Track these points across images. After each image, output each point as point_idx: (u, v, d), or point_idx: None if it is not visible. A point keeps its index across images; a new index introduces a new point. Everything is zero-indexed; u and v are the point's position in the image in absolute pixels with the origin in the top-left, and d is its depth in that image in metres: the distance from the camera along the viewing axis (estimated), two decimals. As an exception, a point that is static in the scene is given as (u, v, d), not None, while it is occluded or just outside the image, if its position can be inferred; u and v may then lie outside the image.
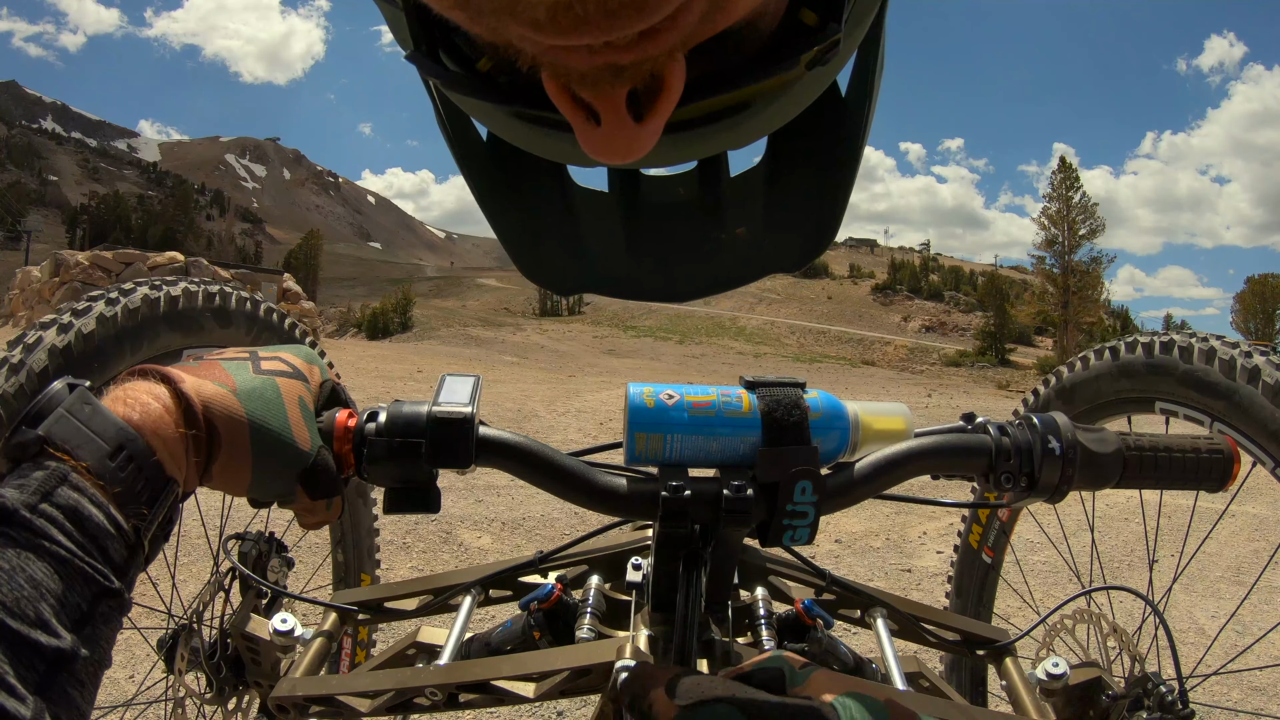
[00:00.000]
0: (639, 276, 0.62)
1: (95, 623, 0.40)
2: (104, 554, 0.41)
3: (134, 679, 1.96)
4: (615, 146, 0.32)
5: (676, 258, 0.61)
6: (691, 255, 0.61)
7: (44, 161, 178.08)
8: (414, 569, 3.03)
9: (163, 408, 0.48)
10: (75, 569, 0.39)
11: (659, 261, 0.61)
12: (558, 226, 0.59)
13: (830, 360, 40.18)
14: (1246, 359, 0.97)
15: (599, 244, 0.60)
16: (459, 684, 0.67)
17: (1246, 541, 3.97)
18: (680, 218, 0.58)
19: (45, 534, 0.39)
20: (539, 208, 0.58)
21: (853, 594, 0.87)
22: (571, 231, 0.59)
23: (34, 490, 0.40)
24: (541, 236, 0.60)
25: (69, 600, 0.38)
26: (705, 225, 0.58)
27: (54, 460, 0.42)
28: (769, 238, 0.58)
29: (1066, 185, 39.97)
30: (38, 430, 0.43)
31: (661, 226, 0.59)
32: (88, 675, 0.39)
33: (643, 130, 0.32)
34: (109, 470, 0.43)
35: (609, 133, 0.31)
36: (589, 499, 0.58)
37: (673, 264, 0.61)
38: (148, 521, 0.44)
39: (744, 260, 0.60)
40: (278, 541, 0.99)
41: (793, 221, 0.57)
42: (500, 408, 8.00)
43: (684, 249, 0.60)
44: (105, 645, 0.41)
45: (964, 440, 0.63)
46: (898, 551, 3.60)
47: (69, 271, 18.12)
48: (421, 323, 41.59)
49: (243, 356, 0.57)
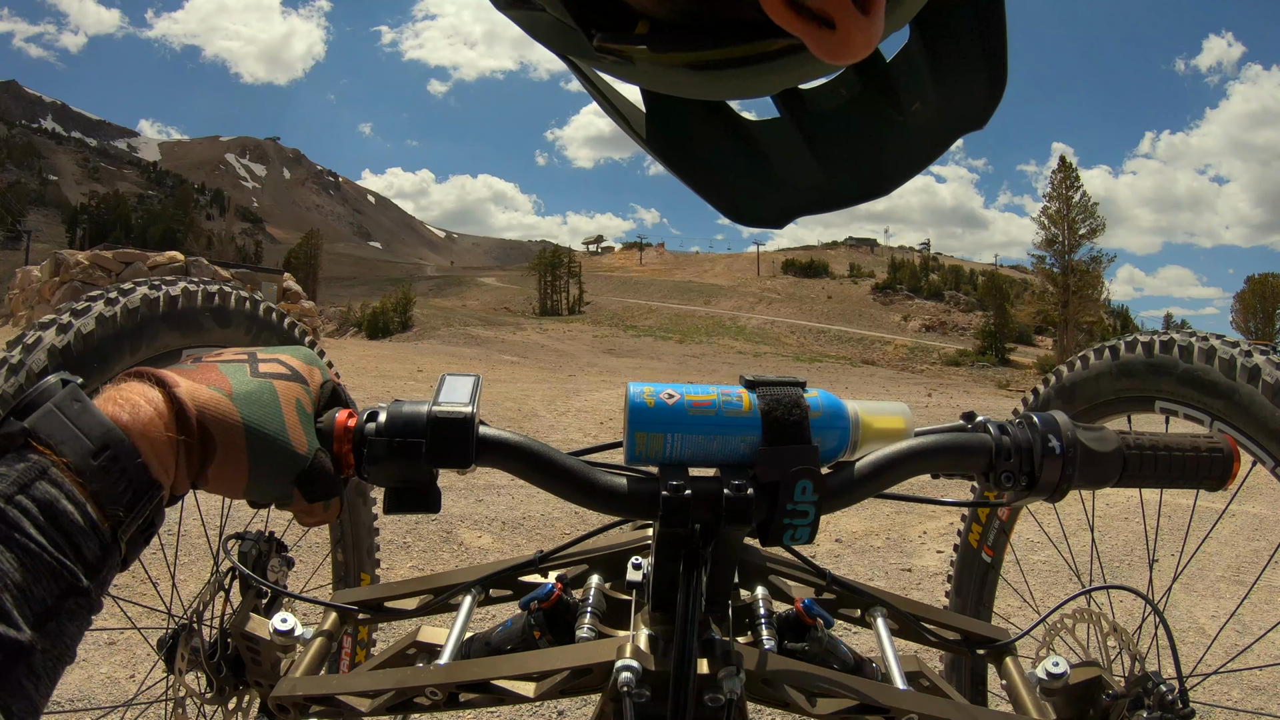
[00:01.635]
0: (838, 184, 0.64)
1: (60, 619, 0.40)
2: (76, 551, 0.41)
3: (134, 679, 1.96)
4: (855, 42, 0.34)
5: (866, 153, 0.63)
6: (878, 145, 0.63)
7: (44, 161, 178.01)
8: (414, 569, 3.03)
9: (154, 410, 0.48)
10: (44, 564, 0.39)
11: (851, 163, 0.63)
12: (745, 165, 0.62)
13: (830, 360, 40.19)
14: (1246, 358, 0.97)
15: (789, 167, 0.62)
16: (459, 683, 0.67)
17: (1246, 541, 3.97)
18: (855, 115, 0.60)
19: (17, 526, 0.39)
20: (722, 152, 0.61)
21: (853, 593, 0.87)
22: (760, 164, 0.62)
23: (11, 482, 0.40)
24: (735, 178, 0.63)
25: (33, 594, 0.38)
26: (881, 112, 0.60)
27: (36, 454, 0.42)
28: (946, 100, 0.60)
29: (1066, 185, 39.96)
30: (24, 423, 0.43)
31: (840, 129, 0.61)
32: (45, 670, 0.39)
33: (873, 20, 0.34)
34: (90, 468, 0.43)
35: (845, 31, 0.34)
36: (589, 498, 0.58)
37: (864, 160, 0.63)
38: (126, 523, 0.44)
39: (931, 131, 0.62)
40: (278, 541, 0.99)
41: (962, 77, 0.59)
42: (500, 407, 8.00)
43: (869, 142, 0.63)
44: (69, 641, 0.41)
45: (964, 439, 0.63)
46: (898, 551, 3.60)
47: (69, 271, 18.12)
48: (421, 322, 41.59)
49: (241, 359, 0.57)
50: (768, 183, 0.62)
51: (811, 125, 0.59)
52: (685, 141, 0.59)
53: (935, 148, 0.62)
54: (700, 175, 0.61)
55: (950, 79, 0.58)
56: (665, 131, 0.58)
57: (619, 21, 0.41)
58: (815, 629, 0.77)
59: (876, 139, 0.62)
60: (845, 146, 0.61)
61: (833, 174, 0.62)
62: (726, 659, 0.61)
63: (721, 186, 0.62)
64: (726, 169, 0.62)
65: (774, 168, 0.61)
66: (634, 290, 78.24)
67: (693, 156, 0.60)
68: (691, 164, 0.60)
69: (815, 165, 0.61)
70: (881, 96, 0.58)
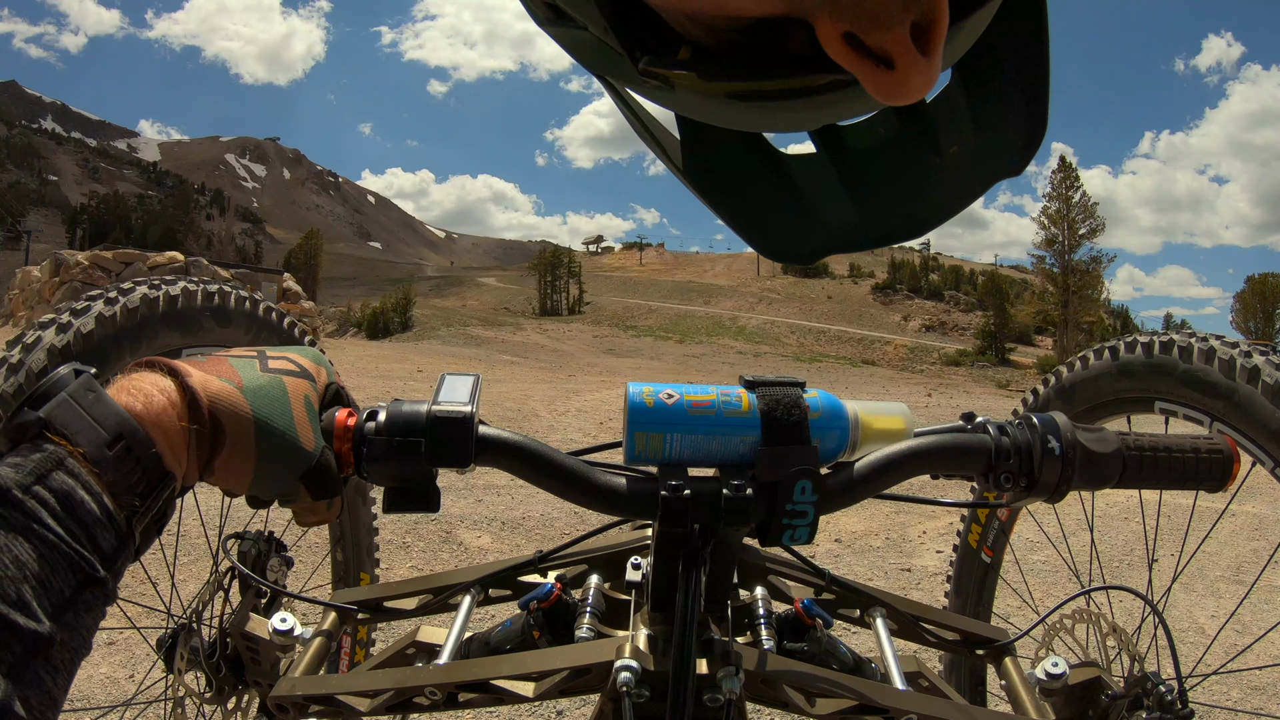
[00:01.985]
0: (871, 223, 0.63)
1: (77, 610, 0.40)
2: (92, 542, 0.41)
3: (134, 679, 1.96)
4: (914, 83, 0.33)
5: (901, 194, 0.62)
6: (914, 188, 0.62)
7: (44, 161, 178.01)
8: (414, 568, 3.03)
9: (167, 400, 0.48)
10: (61, 554, 0.39)
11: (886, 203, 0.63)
12: (780, 198, 0.62)
13: (830, 360, 40.18)
14: (1246, 359, 0.97)
15: (823, 204, 0.62)
16: (458, 683, 0.67)
17: (1246, 541, 3.97)
18: (892, 156, 0.60)
19: (35, 516, 0.39)
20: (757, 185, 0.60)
21: (852, 593, 0.87)
22: (794, 200, 0.61)
23: (29, 472, 0.40)
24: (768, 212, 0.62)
25: (52, 585, 0.38)
26: (918, 154, 0.60)
27: (52, 444, 0.42)
28: (983, 147, 0.60)
29: (1066, 185, 39.97)
30: (39, 413, 0.43)
31: (877, 169, 0.60)
32: (63, 662, 0.39)
33: (932, 62, 0.34)
34: (106, 458, 0.43)
35: (904, 71, 0.33)
36: (588, 498, 0.58)
37: (899, 201, 0.63)
38: (140, 513, 0.44)
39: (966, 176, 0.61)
40: (277, 541, 0.99)
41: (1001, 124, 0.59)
42: (500, 407, 8.00)
43: (905, 183, 0.62)
44: (85, 633, 0.41)
45: (964, 440, 0.63)
46: (897, 551, 3.60)
47: (69, 271, 18.11)
48: (421, 322, 41.59)
49: (251, 354, 0.57)
50: (802, 218, 0.62)
51: (848, 163, 0.59)
52: (721, 172, 0.59)
53: (971, 192, 0.62)
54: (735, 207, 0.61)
55: (990, 124, 0.58)
56: (701, 160, 0.58)
57: (662, 45, 0.40)
58: (815, 629, 0.77)
59: (912, 180, 0.61)
60: (881, 186, 0.61)
61: (867, 213, 0.62)
62: (725, 659, 0.61)
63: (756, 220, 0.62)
64: (761, 202, 0.61)
65: (809, 204, 0.61)
66: (634, 290, 78.22)
67: (728, 187, 0.60)
68: (726, 195, 0.60)
69: (850, 204, 0.61)
70: (919, 138, 0.58)
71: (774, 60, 0.37)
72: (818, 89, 0.39)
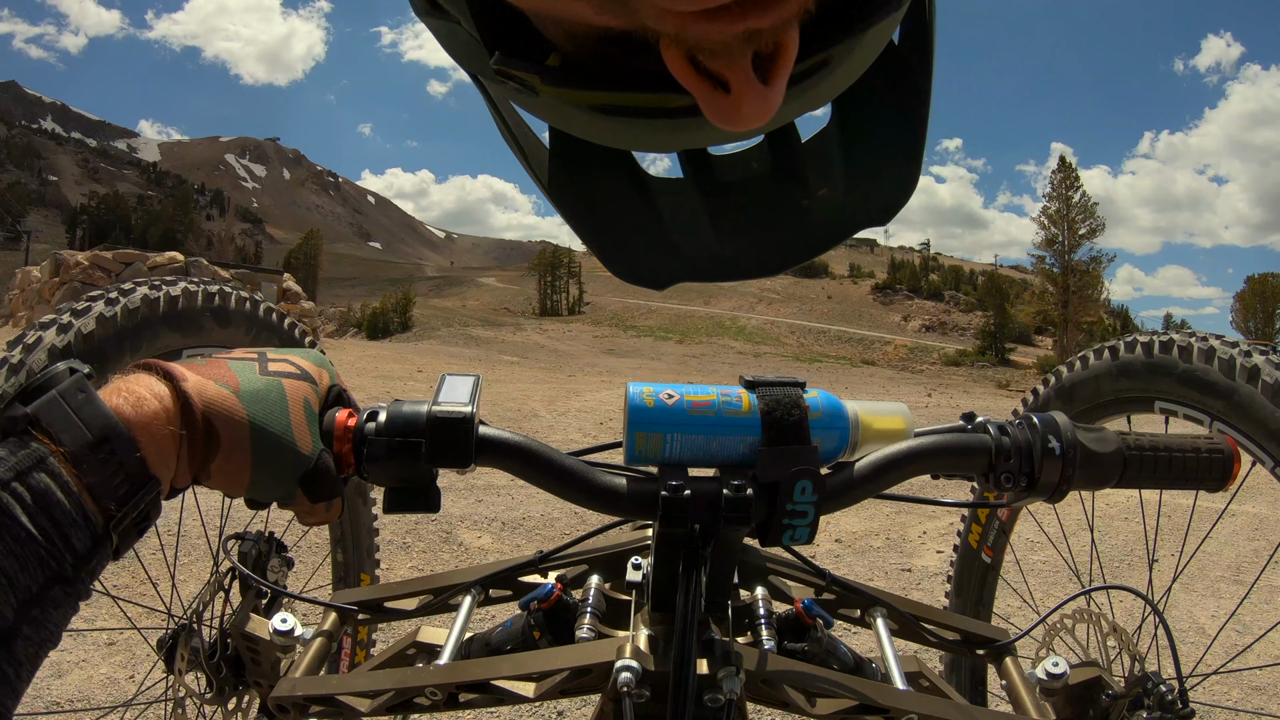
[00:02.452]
0: (730, 256, 0.62)
1: (44, 606, 0.40)
2: (65, 541, 0.41)
3: (134, 679, 1.96)
4: (749, 111, 0.32)
5: (764, 230, 0.61)
6: (778, 225, 0.61)
7: (44, 161, 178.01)
8: (414, 569, 3.03)
9: (159, 404, 0.48)
10: (32, 551, 0.40)
11: (747, 237, 0.62)
12: (640, 221, 0.60)
13: (830, 360, 40.18)
14: (1246, 358, 0.97)
15: (683, 231, 0.61)
16: (459, 684, 0.67)
17: (1246, 541, 3.97)
18: (760, 190, 0.59)
19: (8, 513, 0.39)
20: (617, 205, 0.59)
21: (853, 594, 0.87)
22: (654, 224, 0.60)
23: (9, 468, 0.40)
24: (627, 233, 0.61)
25: (19, 581, 0.39)
26: (786, 193, 0.59)
27: (36, 441, 0.42)
28: (853, 194, 0.59)
29: (1066, 185, 39.97)
30: (27, 409, 0.43)
31: (743, 202, 0.59)
32: (27, 655, 0.39)
33: (771, 92, 0.32)
34: (87, 460, 0.43)
35: (740, 98, 0.32)
36: (589, 499, 0.58)
37: (761, 237, 0.62)
38: (119, 516, 0.44)
39: (832, 221, 0.61)
40: (277, 541, 0.99)
41: (874, 174, 0.58)
42: (500, 407, 8.00)
43: (769, 220, 0.61)
44: (53, 629, 0.41)
45: (964, 440, 0.63)
46: (898, 551, 3.60)
47: (69, 271, 18.12)
48: (421, 322, 41.59)
49: (251, 357, 0.57)
50: (660, 243, 0.61)
51: (714, 192, 0.58)
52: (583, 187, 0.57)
53: (833, 237, 0.61)
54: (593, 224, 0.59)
55: (862, 173, 0.57)
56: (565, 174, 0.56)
57: (532, 50, 0.39)
58: (815, 629, 0.77)
59: (777, 218, 0.60)
60: (743, 220, 0.60)
61: (725, 245, 0.61)
62: (726, 659, 0.61)
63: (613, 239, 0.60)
64: (621, 223, 0.60)
65: (669, 230, 0.60)
66: (634, 290, 78.19)
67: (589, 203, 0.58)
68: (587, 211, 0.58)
69: (711, 234, 0.60)
70: (790, 176, 0.57)
71: (631, 75, 0.36)
72: (677, 110, 0.38)
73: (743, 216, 0.60)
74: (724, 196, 0.58)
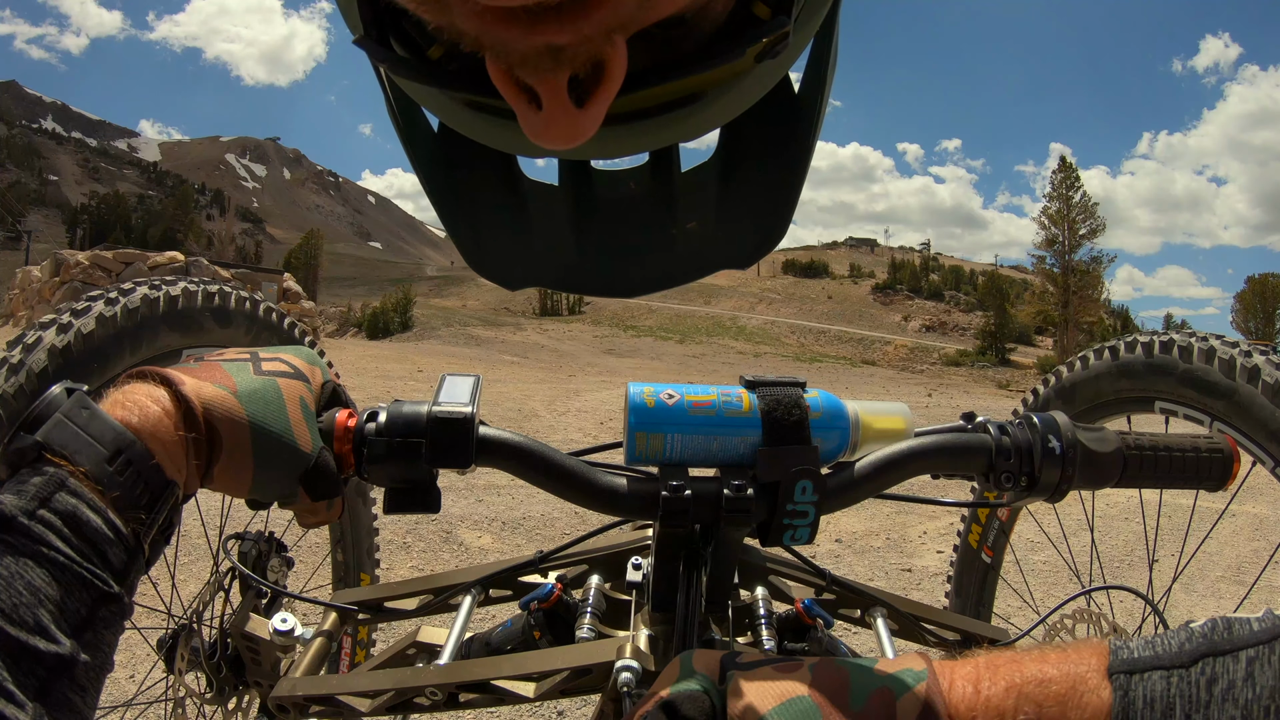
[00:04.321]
0: (588, 271, 0.62)
1: (96, 628, 0.40)
2: (103, 559, 0.41)
3: (134, 679, 1.96)
4: (556, 131, 0.32)
5: (626, 252, 0.61)
6: (642, 250, 0.61)
7: (44, 161, 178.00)
8: (414, 569, 3.03)
9: (162, 411, 0.48)
10: (74, 575, 0.39)
11: (609, 256, 0.61)
12: (506, 219, 0.59)
13: (830, 360, 40.18)
14: (1246, 358, 0.97)
15: (547, 238, 0.60)
16: (459, 684, 0.67)
17: (1246, 541, 3.97)
18: (631, 211, 0.58)
19: (44, 540, 0.39)
20: (487, 200, 0.58)
21: (853, 593, 0.87)
22: (520, 225, 0.59)
23: (32, 496, 0.40)
24: (489, 229, 0.60)
25: (68, 606, 0.38)
26: (657, 219, 0.58)
27: (52, 466, 0.42)
28: (721, 232, 0.58)
29: (1067, 185, 39.96)
30: (35, 436, 0.43)
31: (612, 220, 0.59)
32: (89, 680, 0.39)
33: (584, 116, 0.32)
34: (107, 475, 0.43)
35: (549, 116, 0.32)
36: (589, 499, 0.58)
37: (623, 258, 0.61)
38: (147, 525, 0.44)
39: (695, 255, 0.60)
40: (278, 541, 0.99)
41: (744, 216, 0.57)
42: (500, 407, 8.00)
43: (634, 243, 0.60)
44: (107, 650, 0.41)
45: (964, 440, 0.63)
46: (898, 551, 3.60)
47: (69, 271, 18.12)
48: (422, 322, 41.56)
49: (243, 358, 0.57)
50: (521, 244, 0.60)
51: (586, 206, 0.57)
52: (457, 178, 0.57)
53: (695, 270, 0.61)
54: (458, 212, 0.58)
55: (733, 212, 0.57)
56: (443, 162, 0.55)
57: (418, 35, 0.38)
58: (815, 629, 0.77)
59: (641, 243, 0.60)
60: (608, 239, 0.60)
61: (587, 260, 0.61)
62: (726, 659, 0.61)
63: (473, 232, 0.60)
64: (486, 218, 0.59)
65: (532, 233, 0.60)
66: (634, 290, 77.97)
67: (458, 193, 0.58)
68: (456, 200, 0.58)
69: (573, 245, 0.59)
70: (664, 204, 0.56)
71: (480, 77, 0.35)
72: None
73: (609, 235, 0.59)
74: (595, 212, 0.58)
